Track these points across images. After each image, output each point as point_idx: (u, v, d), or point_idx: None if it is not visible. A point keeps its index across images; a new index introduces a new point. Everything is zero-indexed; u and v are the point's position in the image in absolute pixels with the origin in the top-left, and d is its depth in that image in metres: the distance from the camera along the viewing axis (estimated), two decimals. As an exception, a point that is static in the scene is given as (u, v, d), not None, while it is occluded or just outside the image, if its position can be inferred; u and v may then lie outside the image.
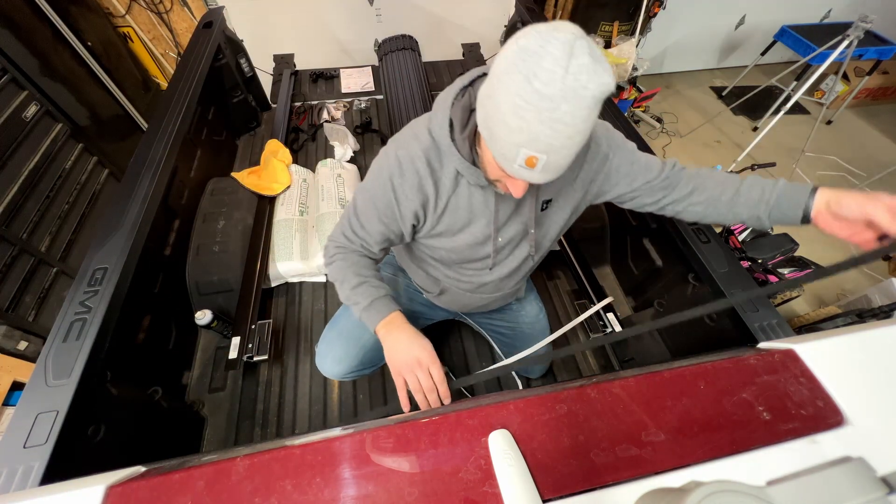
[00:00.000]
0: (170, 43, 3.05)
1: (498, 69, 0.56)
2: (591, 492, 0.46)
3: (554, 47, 0.50)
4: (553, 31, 0.51)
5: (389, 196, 0.78)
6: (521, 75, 0.52)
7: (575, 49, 0.50)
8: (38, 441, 0.72)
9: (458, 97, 0.71)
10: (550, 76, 0.50)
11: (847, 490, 0.41)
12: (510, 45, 0.54)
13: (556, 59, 0.50)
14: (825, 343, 0.60)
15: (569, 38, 0.50)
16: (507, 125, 0.56)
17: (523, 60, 0.51)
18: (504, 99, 0.54)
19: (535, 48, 0.51)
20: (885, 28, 3.07)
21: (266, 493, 0.46)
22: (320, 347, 1.12)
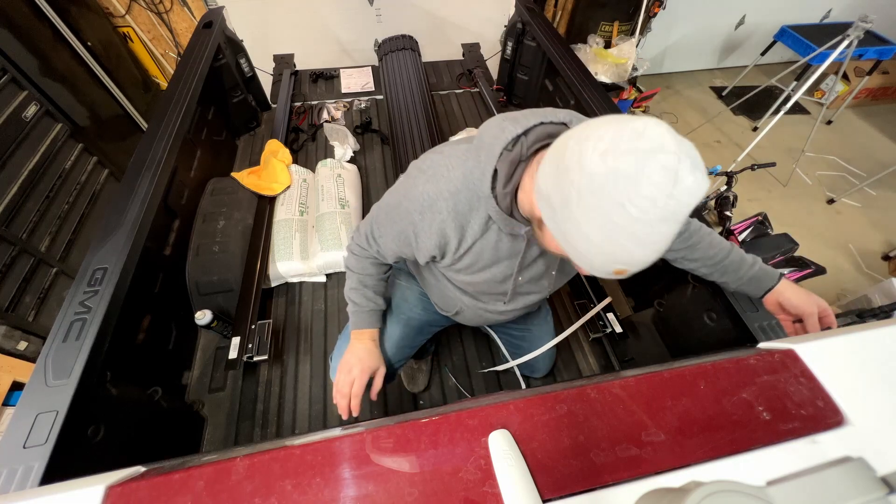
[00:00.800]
0: (170, 43, 3.05)
1: (580, 183, 0.47)
2: (591, 492, 0.46)
3: (655, 171, 0.43)
4: (651, 151, 0.44)
5: (408, 230, 0.76)
6: (613, 202, 0.45)
7: (680, 173, 0.43)
8: (37, 441, 0.72)
9: (507, 148, 0.65)
10: (651, 203, 0.44)
11: (847, 490, 0.41)
12: (593, 158, 0.46)
13: (657, 185, 0.43)
14: (825, 343, 0.60)
15: (672, 162, 0.43)
16: (592, 243, 0.50)
17: (615, 185, 0.45)
18: (591, 219, 0.48)
19: (631, 172, 0.44)
20: (885, 28, 3.07)
21: (266, 493, 0.46)
22: (335, 362, 1.09)
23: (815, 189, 3.13)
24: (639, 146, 0.44)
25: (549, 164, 0.54)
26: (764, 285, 0.87)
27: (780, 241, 2.23)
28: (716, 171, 2.52)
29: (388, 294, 1.09)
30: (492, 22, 3.28)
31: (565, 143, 0.52)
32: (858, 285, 2.51)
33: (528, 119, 0.65)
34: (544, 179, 0.54)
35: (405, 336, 1.10)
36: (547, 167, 0.54)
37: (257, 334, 1.36)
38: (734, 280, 0.90)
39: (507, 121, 0.67)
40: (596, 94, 1.63)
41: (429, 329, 1.18)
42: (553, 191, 0.52)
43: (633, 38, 3.20)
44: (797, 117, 3.72)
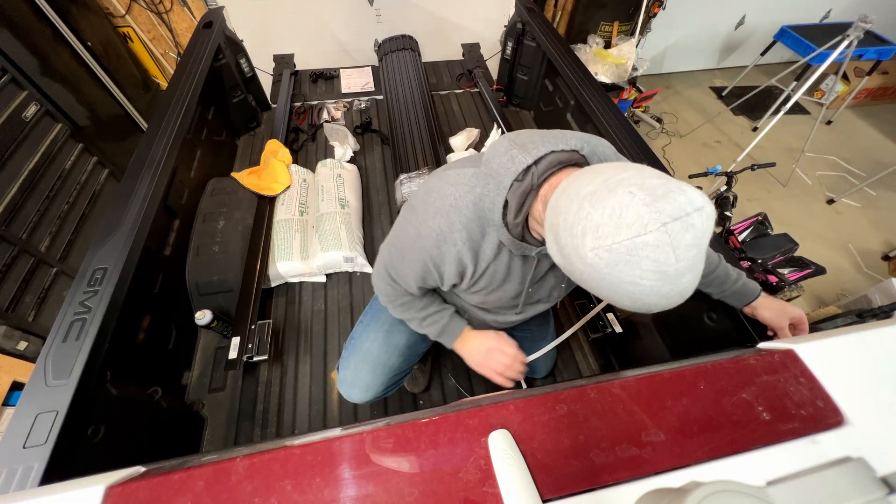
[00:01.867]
0: (170, 43, 3.05)
1: (589, 273, 0.49)
2: (591, 492, 0.46)
3: (648, 253, 0.44)
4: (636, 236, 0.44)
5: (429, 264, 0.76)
6: (626, 282, 0.47)
7: (675, 239, 0.44)
8: (37, 441, 0.72)
9: (518, 178, 0.64)
10: (660, 274, 0.45)
11: (847, 490, 0.41)
12: (588, 254, 0.47)
13: (658, 261, 0.44)
14: (825, 343, 0.60)
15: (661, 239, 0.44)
16: (619, 299, 0.51)
17: (622, 272, 0.46)
18: (612, 292, 0.50)
19: (628, 260, 0.45)
20: (885, 28, 3.07)
21: (266, 494, 0.46)
22: (344, 374, 1.09)
23: (815, 189, 3.13)
24: (622, 235, 0.45)
25: (553, 242, 0.55)
26: (744, 300, 0.93)
27: (780, 241, 2.23)
28: (716, 171, 2.52)
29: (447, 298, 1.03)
30: (492, 22, 3.28)
31: (556, 226, 0.53)
32: (858, 285, 2.51)
33: (537, 147, 0.64)
34: (554, 253, 0.56)
35: (411, 344, 1.11)
36: (552, 245, 0.56)
37: (257, 334, 1.36)
38: (718, 292, 0.95)
39: (516, 147, 0.65)
40: (596, 94, 1.63)
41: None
42: (566, 265, 0.54)
43: (633, 39, 3.20)
44: (797, 117, 3.72)
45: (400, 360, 1.09)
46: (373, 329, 1.11)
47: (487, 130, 2.27)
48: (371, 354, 1.08)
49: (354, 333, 1.14)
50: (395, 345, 1.08)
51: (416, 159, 1.84)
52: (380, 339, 1.08)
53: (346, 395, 1.09)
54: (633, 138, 1.39)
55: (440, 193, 0.73)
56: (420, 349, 1.16)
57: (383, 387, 1.08)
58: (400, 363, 1.09)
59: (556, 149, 0.64)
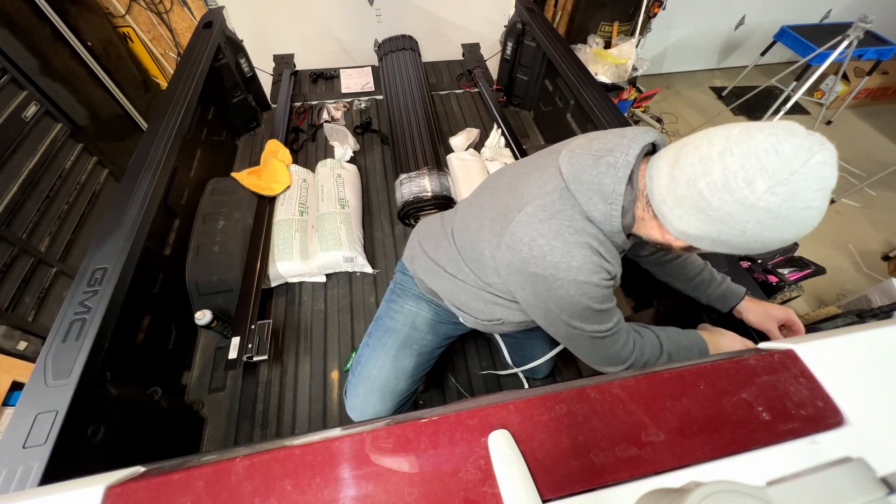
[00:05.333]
0: (170, 43, 3.05)
1: (759, 218, 0.52)
2: (591, 492, 0.46)
3: (816, 174, 0.49)
4: (801, 164, 0.49)
5: (608, 294, 0.72)
6: (798, 212, 0.51)
7: (829, 158, 0.50)
8: (37, 441, 0.72)
9: (629, 183, 0.66)
10: (825, 193, 0.50)
11: (847, 490, 0.41)
12: (762, 196, 0.51)
13: (825, 178, 0.50)
14: (825, 343, 0.60)
15: (821, 158, 0.49)
16: (784, 241, 0.55)
17: (795, 203, 0.50)
18: (782, 233, 0.54)
19: (799, 188, 0.50)
20: (885, 28, 3.08)
21: (266, 494, 0.46)
22: (353, 401, 1.08)
23: (814, 189, 3.13)
24: (791, 165, 0.49)
25: (692, 216, 0.58)
26: (729, 303, 0.96)
27: (780, 242, 2.22)
28: (716, 171, 2.51)
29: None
30: (492, 22, 3.29)
31: (697, 194, 0.55)
32: (858, 285, 2.51)
33: (629, 146, 0.66)
34: (697, 227, 0.58)
35: (419, 365, 1.10)
36: (690, 219, 0.58)
37: (257, 334, 1.36)
38: (704, 296, 0.98)
39: (605, 153, 0.67)
40: (596, 94, 1.63)
41: (438, 351, 1.18)
42: (721, 231, 0.56)
43: (633, 39, 3.20)
44: (797, 117, 3.72)
45: (408, 384, 1.08)
46: (379, 355, 1.08)
47: (487, 130, 2.27)
48: (379, 382, 1.06)
49: (360, 358, 1.12)
50: (402, 370, 1.07)
51: (416, 159, 1.84)
52: (387, 366, 1.07)
53: (357, 419, 1.09)
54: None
55: (551, 235, 0.69)
56: (426, 368, 1.15)
57: (392, 410, 1.08)
58: (408, 386, 1.08)
59: (644, 143, 0.66)
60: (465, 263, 0.91)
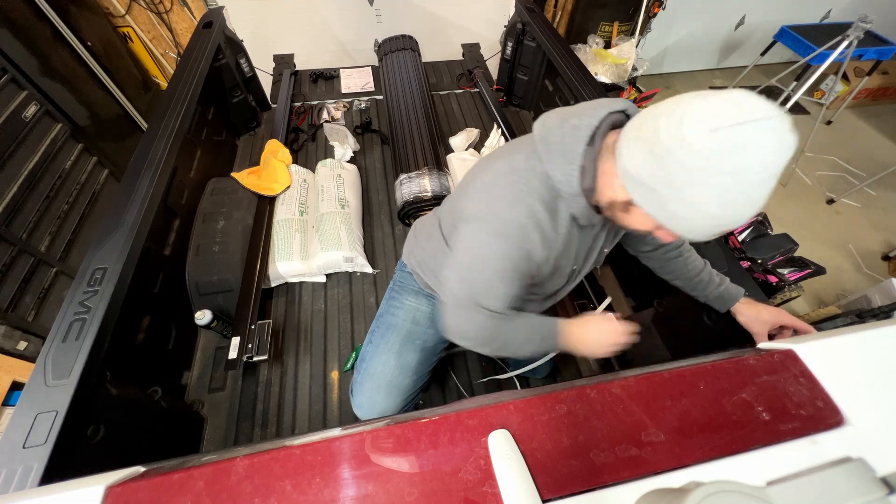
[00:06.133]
0: (170, 43, 3.05)
1: (690, 163, 0.50)
2: (591, 492, 0.46)
3: (766, 137, 0.47)
4: (757, 119, 0.47)
5: (518, 263, 0.73)
6: (730, 173, 0.48)
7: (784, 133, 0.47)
8: (37, 441, 0.72)
9: (589, 143, 0.65)
10: (764, 166, 0.48)
11: (847, 490, 0.41)
12: (702, 136, 0.48)
13: (770, 148, 0.47)
14: (825, 343, 0.60)
15: (777, 125, 0.47)
16: (707, 215, 0.52)
17: (731, 157, 0.48)
18: (706, 192, 0.50)
19: (745, 142, 0.47)
20: (885, 28, 3.07)
21: (266, 493, 0.46)
22: (360, 400, 1.08)
23: (814, 189, 3.13)
24: (745, 116, 0.47)
25: (640, 149, 0.56)
26: (726, 304, 0.96)
27: (780, 241, 2.23)
28: (716, 171, 2.51)
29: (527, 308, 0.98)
30: (492, 22, 3.29)
31: (655, 127, 0.53)
32: (858, 285, 2.51)
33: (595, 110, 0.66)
34: (636, 165, 0.56)
35: (422, 360, 1.10)
36: (637, 153, 0.56)
37: (257, 334, 1.36)
38: (702, 296, 0.98)
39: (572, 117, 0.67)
40: (596, 94, 1.63)
41: (441, 346, 1.18)
42: (652, 174, 0.54)
43: (632, 39, 3.20)
44: (797, 117, 3.72)
45: (413, 379, 1.08)
46: (383, 351, 1.09)
47: (487, 130, 2.27)
48: (384, 378, 1.06)
49: (364, 355, 1.13)
50: (407, 365, 1.07)
51: (416, 159, 1.84)
52: (391, 362, 1.07)
53: (364, 417, 1.09)
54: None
55: (504, 184, 0.70)
56: (430, 365, 1.15)
57: (399, 408, 1.08)
58: (413, 382, 1.09)
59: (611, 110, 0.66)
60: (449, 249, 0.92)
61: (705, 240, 0.58)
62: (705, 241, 0.59)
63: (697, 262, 0.98)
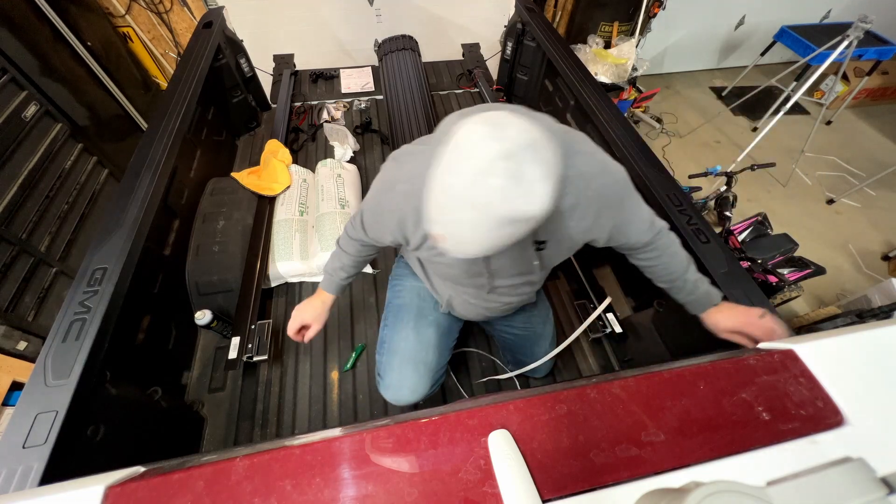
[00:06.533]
0: (170, 43, 3.05)
1: (440, 148, 0.55)
2: (591, 492, 0.46)
3: (481, 155, 0.49)
4: (491, 136, 0.49)
5: (374, 219, 0.87)
6: (452, 167, 0.52)
7: (493, 169, 0.49)
8: (37, 441, 0.72)
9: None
10: (460, 178, 0.50)
11: (847, 490, 0.41)
12: (459, 127, 0.54)
13: (472, 167, 0.49)
14: (825, 343, 0.60)
15: (491, 153, 0.48)
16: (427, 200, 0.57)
17: (453, 152, 0.52)
18: (435, 174, 0.55)
19: (473, 148, 0.50)
20: (885, 28, 3.07)
21: (266, 493, 0.46)
22: (389, 379, 1.09)
23: (814, 189, 3.13)
24: (484, 133, 0.51)
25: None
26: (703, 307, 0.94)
27: (780, 242, 2.23)
28: (715, 171, 2.52)
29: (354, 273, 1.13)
30: (492, 22, 3.29)
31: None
32: (858, 285, 2.51)
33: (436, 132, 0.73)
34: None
35: (439, 337, 1.13)
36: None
37: (257, 334, 1.36)
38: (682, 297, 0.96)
39: (460, 116, 0.72)
40: (596, 94, 1.63)
41: (456, 326, 1.21)
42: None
43: (632, 39, 3.20)
44: (797, 117, 3.72)
45: (435, 356, 1.10)
46: (401, 328, 1.12)
47: (487, 130, 2.26)
48: (409, 353, 1.09)
49: (384, 338, 1.15)
50: (426, 340, 1.10)
51: (416, 159, 1.84)
52: (411, 337, 1.10)
53: (395, 399, 1.10)
54: (632, 138, 1.39)
55: (402, 152, 0.82)
56: (447, 346, 1.17)
57: (429, 384, 1.09)
58: (436, 359, 1.11)
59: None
60: None
61: (427, 230, 0.62)
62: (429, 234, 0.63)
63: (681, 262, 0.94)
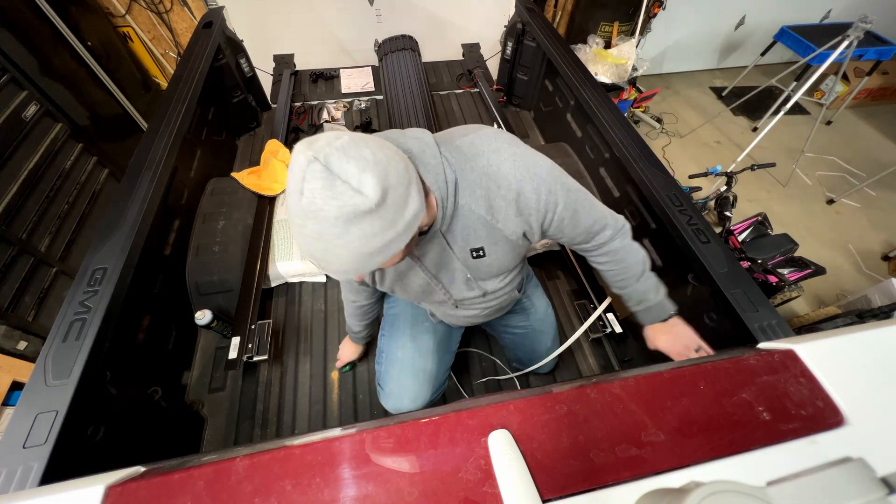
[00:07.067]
0: (170, 43, 3.05)
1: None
2: (591, 492, 0.46)
3: (295, 167, 0.50)
4: (300, 151, 0.51)
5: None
6: (289, 192, 0.53)
7: (307, 174, 0.49)
8: (37, 441, 0.72)
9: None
10: (294, 197, 0.51)
11: (847, 490, 0.41)
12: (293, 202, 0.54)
13: (295, 180, 0.50)
14: (825, 343, 0.60)
15: (302, 162, 0.49)
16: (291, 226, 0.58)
17: (290, 176, 0.52)
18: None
19: (293, 168, 0.51)
20: (885, 28, 3.07)
21: (266, 493, 0.46)
22: (389, 388, 1.09)
23: (814, 189, 3.13)
24: (300, 148, 0.51)
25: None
26: (649, 320, 0.94)
27: (780, 242, 2.23)
28: (716, 171, 2.52)
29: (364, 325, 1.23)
30: (492, 22, 3.28)
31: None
32: (858, 285, 2.51)
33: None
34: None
35: (437, 344, 1.12)
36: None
37: (257, 334, 1.36)
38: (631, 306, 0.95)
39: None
40: (596, 94, 1.63)
41: (457, 331, 1.21)
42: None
43: (632, 39, 3.20)
44: (797, 118, 3.72)
45: (435, 364, 1.10)
46: (397, 337, 1.11)
47: (487, 130, 2.26)
48: (407, 362, 1.08)
49: (382, 347, 1.16)
50: (424, 348, 1.09)
51: (416, 159, 1.84)
52: (408, 345, 1.09)
53: (395, 408, 1.09)
54: (632, 138, 1.40)
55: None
56: (448, 353, 1.17)
57: (429, 394, 1.09)
58: (435, 367, 1.10)
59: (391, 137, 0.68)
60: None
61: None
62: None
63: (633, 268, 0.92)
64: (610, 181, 1.65)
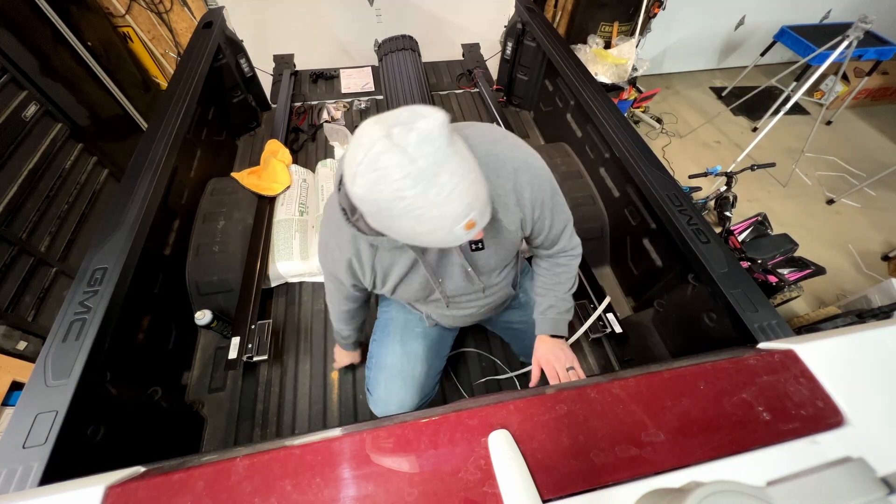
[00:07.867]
0: (170, 43, 3.05)
1: (361, 197, 0.53)
2: (591, 492, 0.46)
3: (384, 157, 0.48)
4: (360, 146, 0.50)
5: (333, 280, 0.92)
6: (390, 205, 0.50)
7: (394, 138, 0.48)
8: (37, 441, 0.72)
9: (340, 185, 0.68)
10: (408, 177, 0.48)
11: (847, 490, 0.41)
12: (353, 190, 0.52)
13: (396, 162, 0.48)
14: (825, 343, 0.60)
15: (376, 139, 0.49)
16: (422, 234, 0.55)
17: (377, 187, 0.50)
18: (400, 221, 0.53)
19: (375, 178, 0.49)
20: (885, 28, 3.07)
21: (266, 493, 0.46)
22: (377, 394, 1.10)
23: (814, 189, 3.13)
24: (360, 154, 0.49)
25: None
26: (540, 330, 1.00)
27: (780, 242, 2.23)
28: (715, 171, 2.52)
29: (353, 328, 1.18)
30: (492, 22, 3.28)
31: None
32: (858, 285, 2.51)
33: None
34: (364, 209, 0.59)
35: (428, 349, 1.12)
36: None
37: (257, 334, 1.36)
38: (536, 314, 1.02)
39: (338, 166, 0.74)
40: (596, 94, 1.63)
41: (449, 335, 1.21)
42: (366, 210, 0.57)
43: (632, 39, 3.20)
44: (797, 118, 3.72)
45: (424, 369, 1.10)
46: (388, 343, 1.12)
47: (487, 130, 2.26)
48: (396, 368, 1.08)
49: (372, 353, 1.16)
50: (414, 353, 1.09)
51: (416, 159, 1.84)
52: (398, 351, 1.09)
53: (383, 414, 1.09)
54: (632, 138, 1.40)
55: (324, 212, 0.85)
56: (440, 352, 1.17)
57: (418, 397, 1.08)
58: (425, 372, 1.10)
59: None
60: None
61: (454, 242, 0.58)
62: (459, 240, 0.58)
63: (557, 280, 0.99)
64: (610, 181, 1.65)
